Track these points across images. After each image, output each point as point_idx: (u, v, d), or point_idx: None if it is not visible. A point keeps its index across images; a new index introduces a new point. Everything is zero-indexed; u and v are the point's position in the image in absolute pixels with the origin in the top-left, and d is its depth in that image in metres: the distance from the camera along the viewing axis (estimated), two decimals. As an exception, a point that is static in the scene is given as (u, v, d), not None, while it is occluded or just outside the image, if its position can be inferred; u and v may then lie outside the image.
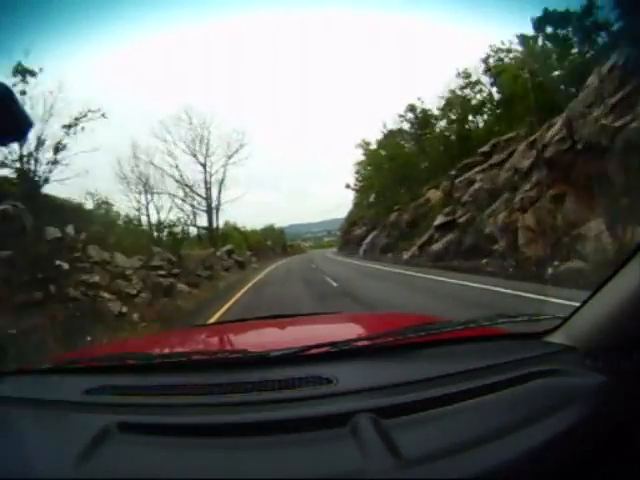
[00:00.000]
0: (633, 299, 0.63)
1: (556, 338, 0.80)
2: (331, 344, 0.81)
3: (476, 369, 0.72)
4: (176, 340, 1.48)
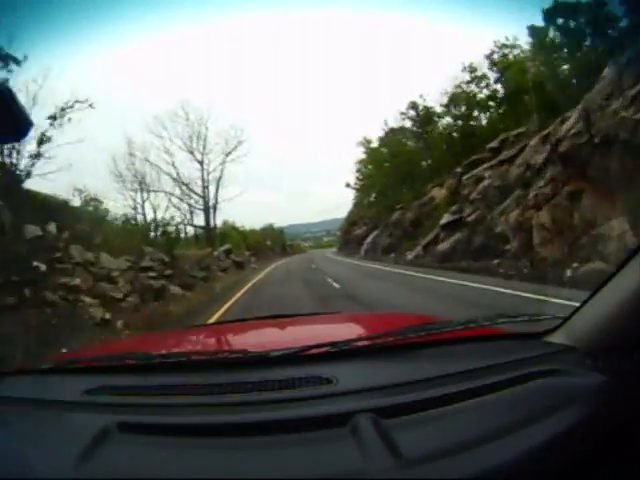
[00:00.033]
0: (633, 299, 0.63)
1: (556, 338, 0.79)
2: (331, 344, 0.81)
3: (476, 369, 0.72)
4: (176, 340, 1.48)
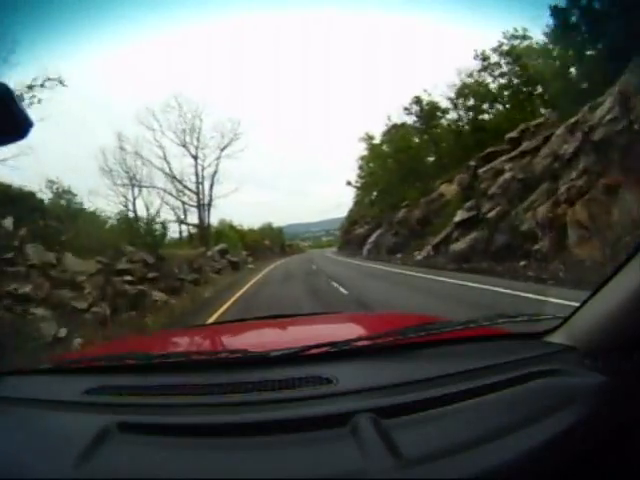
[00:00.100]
0: (633, 299, 0.63)
1: (556, 338, 0.79)
2: (331, 344, 0.80)
3: (476, 369, 0.72)
4: (176, 340, 1.48)
